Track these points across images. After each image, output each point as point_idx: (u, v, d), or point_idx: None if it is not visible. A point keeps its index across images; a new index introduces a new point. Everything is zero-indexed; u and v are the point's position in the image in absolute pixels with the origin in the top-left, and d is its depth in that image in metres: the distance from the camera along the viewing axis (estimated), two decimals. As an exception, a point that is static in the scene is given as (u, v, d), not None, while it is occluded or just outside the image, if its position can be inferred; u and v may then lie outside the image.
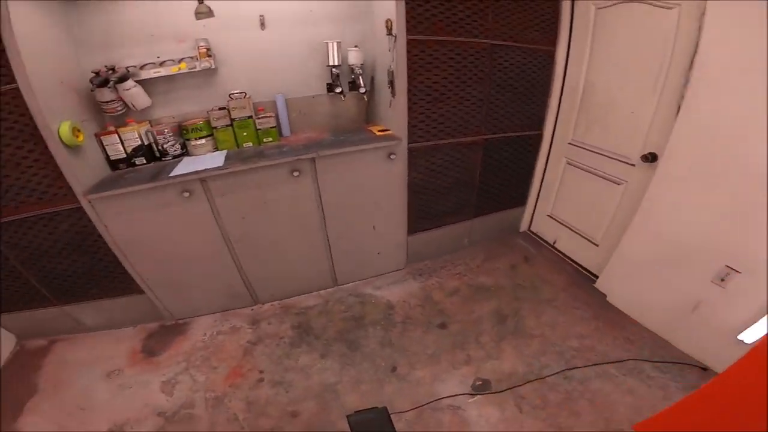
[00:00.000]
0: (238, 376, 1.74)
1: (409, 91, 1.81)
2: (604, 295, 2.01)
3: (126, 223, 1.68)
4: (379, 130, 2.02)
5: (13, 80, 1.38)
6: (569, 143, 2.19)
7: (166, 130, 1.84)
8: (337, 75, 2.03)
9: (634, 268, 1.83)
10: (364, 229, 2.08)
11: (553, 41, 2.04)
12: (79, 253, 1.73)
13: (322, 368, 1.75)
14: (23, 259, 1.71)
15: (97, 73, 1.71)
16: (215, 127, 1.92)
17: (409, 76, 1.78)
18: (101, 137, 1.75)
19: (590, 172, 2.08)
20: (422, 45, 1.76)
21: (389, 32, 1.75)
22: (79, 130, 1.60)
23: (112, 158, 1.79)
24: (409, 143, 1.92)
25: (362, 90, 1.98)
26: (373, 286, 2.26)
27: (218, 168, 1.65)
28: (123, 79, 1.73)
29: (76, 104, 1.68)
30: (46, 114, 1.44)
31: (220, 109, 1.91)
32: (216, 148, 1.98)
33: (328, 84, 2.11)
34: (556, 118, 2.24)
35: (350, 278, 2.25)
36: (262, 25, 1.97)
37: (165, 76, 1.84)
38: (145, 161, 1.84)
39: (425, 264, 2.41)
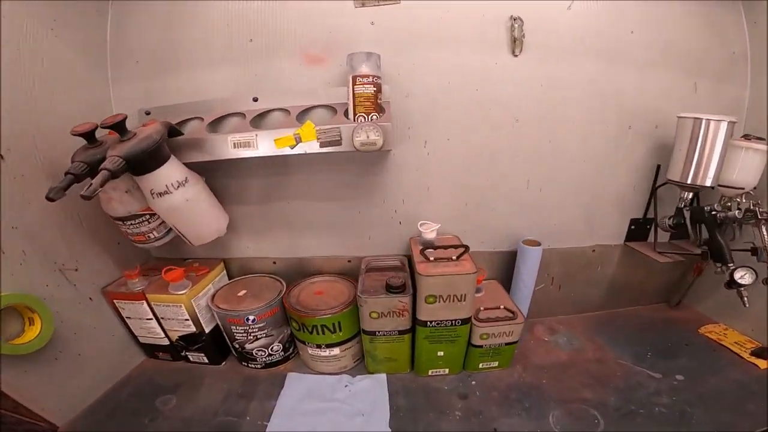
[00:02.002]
0: None
1: None
2: None
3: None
4: (752, 353, 0.76)
5: None
6: None
7: (251, 318, 0.73)
8: (714, 218, 0.73)
9: None
10: None
11: None
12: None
13: None
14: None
15: (86, 135, 0.62)
16: (373, 334, 0.73)
17: None
18: (114, 300, 0.77)
19: None
20: None
21: None
22: (32, 310, 0.61)
23: (142, 341, 0.83)
24: None
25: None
26: None
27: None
28: (136, 162, 0.61)
29: (60, 217, 0.69)
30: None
31: (391, 293, 0.69)
32: (360, 362, 0.83)
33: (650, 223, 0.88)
34: None
35: None
36: (514, 42, 0.68)
37: (263, 158, 0.71)
38: (207, 360, 0.83)
39: None
